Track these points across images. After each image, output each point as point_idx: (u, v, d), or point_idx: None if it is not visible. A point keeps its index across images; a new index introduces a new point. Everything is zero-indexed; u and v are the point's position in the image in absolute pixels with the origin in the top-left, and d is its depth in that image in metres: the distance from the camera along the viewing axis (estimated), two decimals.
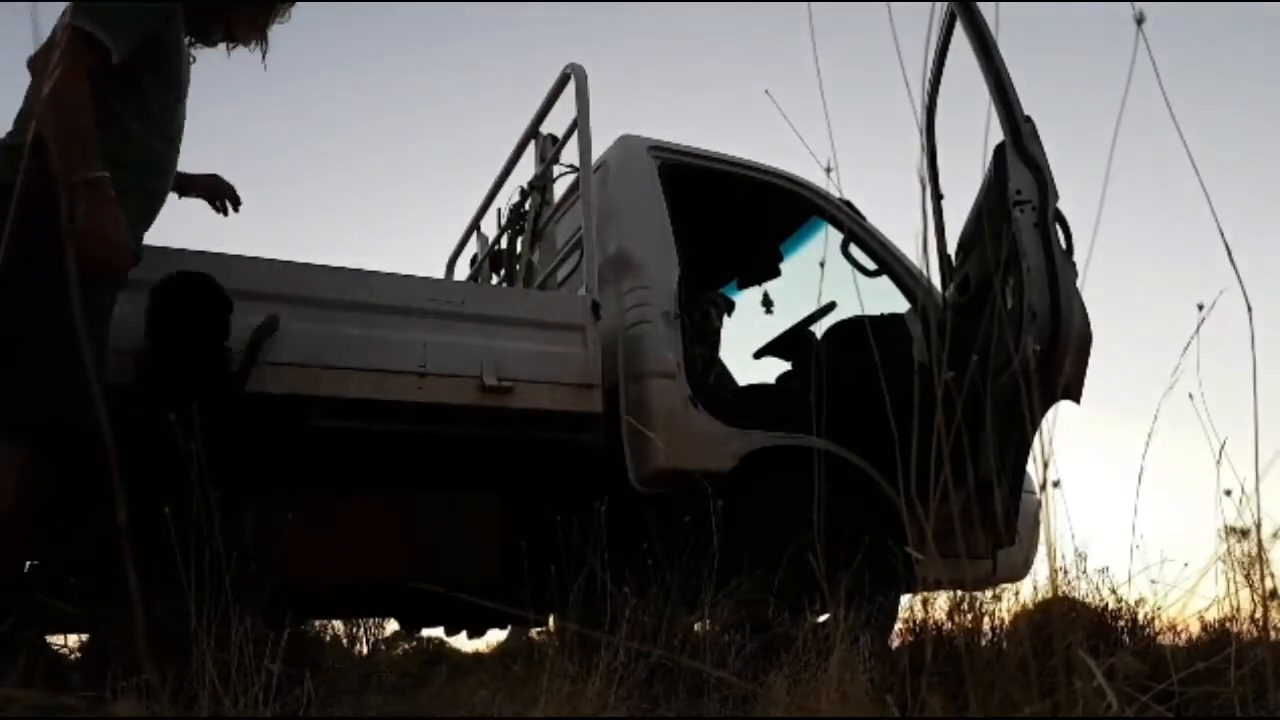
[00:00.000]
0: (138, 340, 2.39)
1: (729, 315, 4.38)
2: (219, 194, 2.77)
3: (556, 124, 3.79)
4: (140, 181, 2.31)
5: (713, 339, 4.16)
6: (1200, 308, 1.31)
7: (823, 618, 2.48)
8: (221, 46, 2.62)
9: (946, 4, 3.03)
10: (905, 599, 3.24)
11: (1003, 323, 2.64)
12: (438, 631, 3.82)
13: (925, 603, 2.83)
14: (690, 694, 1.85)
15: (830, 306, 3.76)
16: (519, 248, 3.97)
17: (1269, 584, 1.39)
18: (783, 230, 4.45)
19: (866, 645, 1.72)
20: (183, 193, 2.73)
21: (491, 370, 2.91)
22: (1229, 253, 1.23)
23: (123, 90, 2.22)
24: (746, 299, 4.70)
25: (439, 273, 4.99)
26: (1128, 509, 1.71)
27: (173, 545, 1.61)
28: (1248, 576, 1.78)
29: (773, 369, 4.32)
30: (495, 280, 4.27)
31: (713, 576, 2.37)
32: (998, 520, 2.73)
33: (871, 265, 3.78)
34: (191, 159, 2.51)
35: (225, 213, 2.78)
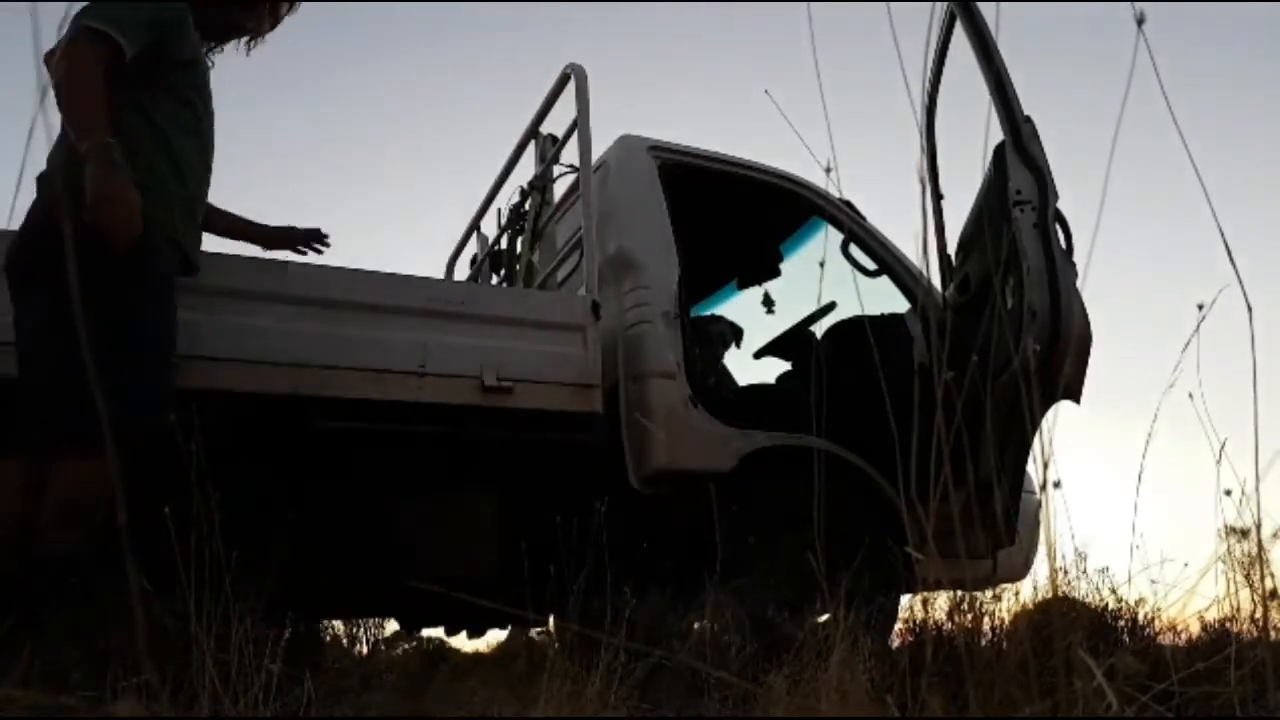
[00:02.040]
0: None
1: (737, 346, 4.38)
2: (300, 242, 3.03)
3: (556, 124, 3.80)
4: (181, 184, 2.38)
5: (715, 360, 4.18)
6: (1200, 307, 1.31)
7: (823, 618, 2.48)
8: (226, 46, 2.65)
9: (946, 4, 3.03)
10: (905, 599, 3.24)
11: (1003, 323, 2.64)
12: (438, 631, 3.82)
13: (925, 603, 2.83)
14: (690, 694, 1.85)
15: (830, 306, 3.76)
16: (519, 248, 3.97)
17: (1269, 584, 1.39)
18: (783, 230, 4.45)
19: (866, 645, 1.72)
20: (267, 245, 2.98)
21: (491, 370, 2.91)
22: (1229, 252, 1.23)
23: (155, 95, 2.31)
24: (747, 300, 4.71)
25: (439, 273, 4.99)
26: (1128, 509, 1.71)
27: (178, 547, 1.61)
28: (1248, 576, 1.78)
29: (773, 369, 4.32)
30: (495, 280, 4.27)
31: (713, 576, 2.37)
32: (998, 520, 2.73)
33: (871, 265, 3.78)
34: None
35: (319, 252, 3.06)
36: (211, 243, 2.77)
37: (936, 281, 3.41)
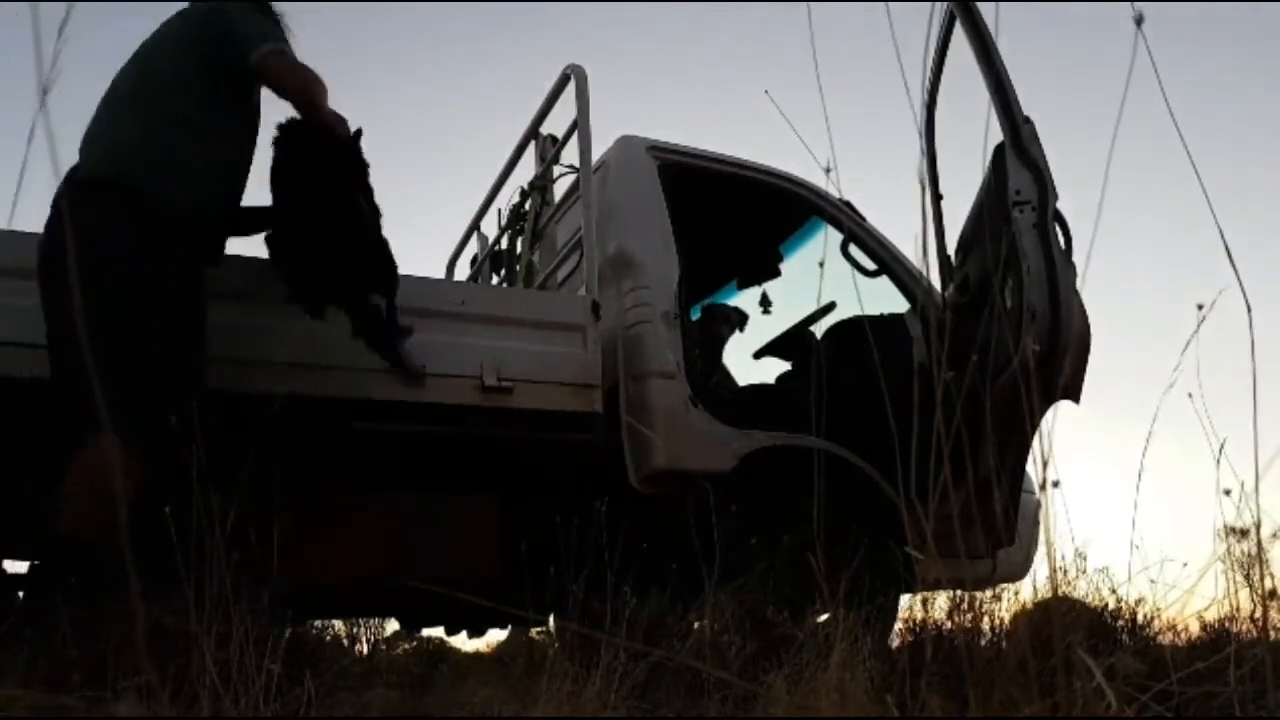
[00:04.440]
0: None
1: (740, 330, 4.38)
2: None
3: (557, 124, 3.80)
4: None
5: (718, 348, 4.17)
6: (1200, 308, 1.32)
7: (823, 618, 2.48)
8: None
9: (946, 4, 3.03)
10: (905, 599, 3.24)
11: (1002, 323, 2.64)
12: (438, 631, 3.82)
13: (925, 603, 2.83)
14: (690, 694, 1.85)
15: (830, 306, 3.76)
16: (519, 248, 3.97)
17: (1268, 584, 1.39)
18: (783, 230, 4.45)
19: (866, 645, 1.73)
20: None
21: (491, 370, 2.91)
22: (1229, 253, 1.23)
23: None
24: (747, 299, 4.71)
25: (439, 273, 4.99)
26: (1127, 509, 1.71)
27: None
28: (1247, 576, 1.78)
29: (773, 369, 4.32)
30: (495, 280, 4.27)
31: (713, 576, 2.37)
32: (997, 520, 2.73)
33: (871, 265, 3.78)
34: None
35: None
36: None
37: (936, 282, 3.41)
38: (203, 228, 2.41)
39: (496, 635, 4.10)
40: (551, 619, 3.34)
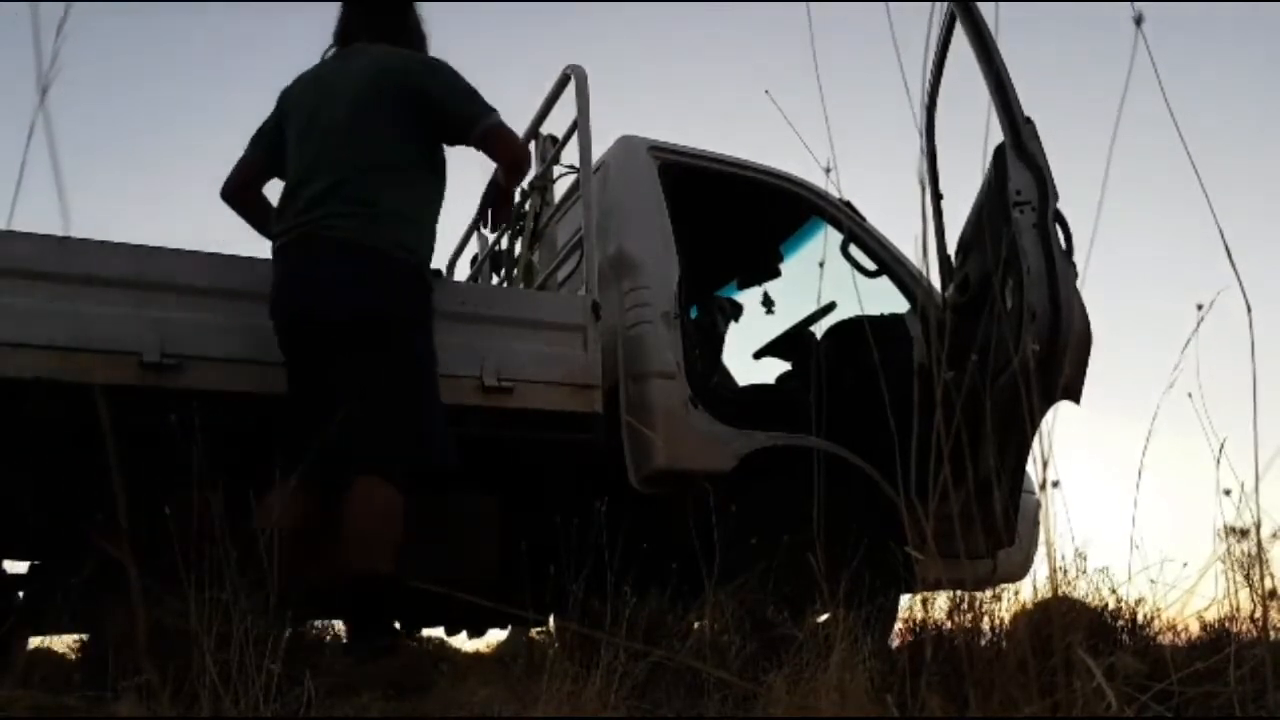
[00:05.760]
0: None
1: (735, 320, 4.37)
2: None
3: (557, 125, 3.80)
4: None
5: (717, 343, 4.16)
6: (1200, 308, 1.32)
7: (823, 618, 2.48)
8: None
9: (946, 4, 3.03)
10: (905, 599, 3.24)
11: (1002, 323, 2.64)
12: (438, 631, 3.82)
13: (925, 603, 2.83)
14: (690, 694, 1.85)
15: (830, 307, 3.76)
16: (519, 248, 3.97)
17: (1268, 584, 1.39)
18: (783, 230, 4.45)
19: (866, 645, 1.72)
20: None
21: (491, 370, 2.91)
22: (1228, 252, 1.23)
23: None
24: (747, 299, 4.71)
25: None
26: (1127, 509, 1.71)
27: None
28: (1247, 576, 1.78)
29: (773, 369, 4.32)
30: (495, 280, 4.27)
31: (713, 576, 2.37)
32: (997, 520, 2.72)
33: (871, 265, 3.78)
34: (193, 158, 2.52)
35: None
36: (207, 242, 2.77)
37: (936, 282, 3.41)
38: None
39: (496, 635, 4.10)
40: (551, 619, 3.34)
